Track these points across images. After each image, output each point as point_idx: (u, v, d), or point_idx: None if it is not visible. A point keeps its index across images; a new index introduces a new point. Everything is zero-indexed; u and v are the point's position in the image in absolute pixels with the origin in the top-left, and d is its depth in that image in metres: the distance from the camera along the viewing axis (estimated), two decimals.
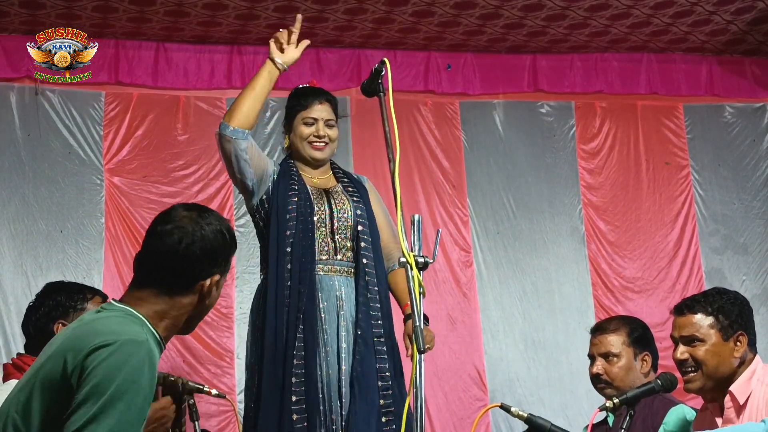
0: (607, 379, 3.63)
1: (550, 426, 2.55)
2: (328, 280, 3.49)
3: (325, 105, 3.70)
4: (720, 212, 5.88)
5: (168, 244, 2.21)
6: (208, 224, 2.25)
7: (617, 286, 5.64)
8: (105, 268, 5.08)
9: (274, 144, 5.42)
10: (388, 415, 3.38)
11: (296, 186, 3.58)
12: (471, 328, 5.45)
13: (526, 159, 5.77)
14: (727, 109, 6.02)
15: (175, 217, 2.25)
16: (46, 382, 2.05)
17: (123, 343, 2.02)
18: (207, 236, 2.23)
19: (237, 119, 3.47)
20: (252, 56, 5.44)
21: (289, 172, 3.64)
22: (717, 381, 2.96)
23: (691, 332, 3.01)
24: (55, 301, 3.12)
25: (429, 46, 5.62)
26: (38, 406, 2.04)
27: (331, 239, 3.53)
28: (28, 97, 5.19)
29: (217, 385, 4.91)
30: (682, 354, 3.01)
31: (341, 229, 3.54)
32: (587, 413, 4.84)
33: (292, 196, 3.54)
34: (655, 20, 5.41)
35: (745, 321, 3.04)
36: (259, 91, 3.53)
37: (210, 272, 2.24)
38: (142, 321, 2.17)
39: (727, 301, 3.05)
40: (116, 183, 5.21)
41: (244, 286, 5.18)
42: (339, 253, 3.53)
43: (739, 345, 2.98)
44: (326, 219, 3.54)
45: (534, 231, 5.68)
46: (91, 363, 1.99)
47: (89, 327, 2.10)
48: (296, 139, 3.69)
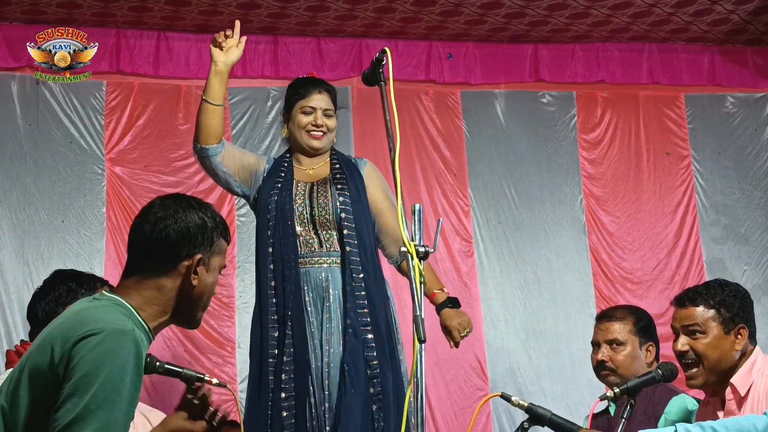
0: (611, 366, 3.63)
1: (550, 415, 2.55)
2: (315, 272, 3.51)
3: (323, 95, 3.71)
4: (721, 202, 5.88)
5: (145, 231, 2.28)
6: (185, 208, 2.29)
7: (617, 276, 5.64)
8: (106, 257, 5.08)
9: (275, 134, 5.42)
10: (378, 403, 3.39)
11: (280, 183, 3.60)
12: (472, 318, 5.34)
13: (528, 149, 5.77)
14: (728, 99, 6.01)
15: (151, 207, 2.33)
16: (33, 370, 2.05)
17: (109, 333, 2.01)
18: (181, 218, 2.26)
19: (202, 137, 3.56)
20: (253, 45, 5.43)
21: (279, 169, 3.67)
22: (719, 375, 2.97)
23: (691, 323, 3.01)
24: (67, 286, 3.13)
25: (430, 36, 5.61)
26: (25, 394, 2.05)
27: (315, 233, 3.54)
28: (29, 86, 5.19)
29: (218, 375, 4.92)
30: (683, 345, 3.01)
31: (323, 222, 3.55)
32: (588, 403, 4.85)
33: (273, 195, 3.57)
34: (657, 10, 5.40)
35: (746, 314, 3.04)
36: (213, 97, 3.58)
37: (191, 252, 2.24)
38: (130, 311, 2.17)
39: (729, 294, 3.05)
40: (117, 172, 5.21)
41: (246, 276, 5.18)
42: (324, 245, 3.54)
43: (740, 338, 2.98)
44: (306, 214, 3.55)
45: (535, 221, 5.68)
46: (78, 353, 1.99)
47: (77, 316, 2.11)
48: (294, 128, 3.70)
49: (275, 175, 3.65)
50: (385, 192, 3.73)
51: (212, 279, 2.30)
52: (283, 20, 5.30)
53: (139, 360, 2.05)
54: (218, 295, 5.10)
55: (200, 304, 2.29)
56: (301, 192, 3.61)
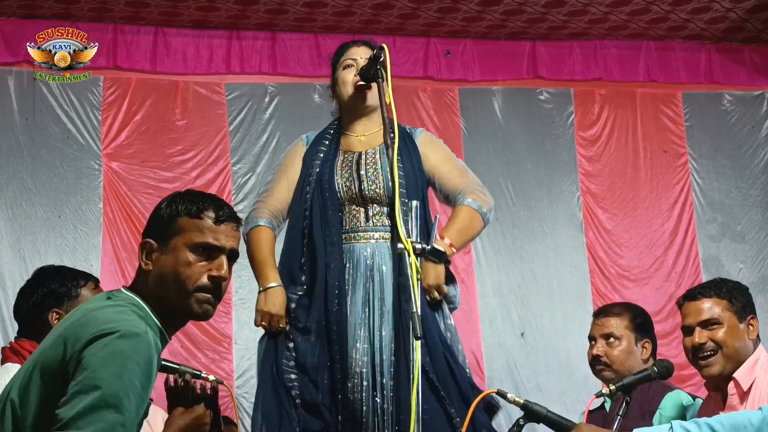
0: (606, 361, 3.63)
1: (545, 412, 2.55)
2: (360, 248, 3.28)
3: (362, 47, 3.44)
4: (717, 200, 5.89)
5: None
6: (166, 200, 2.28)
7: (614, 273, 5.65)
8: (103, 253, 5.07)
9: (272, 130, 5.42)
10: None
11: (323, 153, 3.40)
12: (469, 315, 5.45)
13: (525, 146, 5.77)
14: (725, 97, 6.01)
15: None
16: (45, 367, 2.05)
17: (121, 335, 2.00)
18: (159, 206, 2.27)
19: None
20: (251, 41, 5.43)
21: (323, 138, 3.45)
22: (735, 364, 2.96)
23: (708, 316, 3.01)
24: (49, 288, 3.06)
25: (428, 33, 5.61)
26: (36, 390, 2.04)
27: (362, 206, 3.31)
28: (26, 81, 5.18)
29: (215, 371, 4.92)
30: (701, 338, 2.99)
31: (373, 196, 3.30)
32: (585, 400, 4.83)
33: (315, 166, 3.37)
34: (654, 7, 5.40)
35: (752, 306, 3.08)
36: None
37: (145, 240, 2.23)
38: (146, 312, 2.15)
39: (735, 286, 3.09)
40: (114, 168, 5.20)
41: (242, 271, 5.14)
42: (371, 219, 3.31)
43: (752, 328, 3.01)
44: (354, 187, 3.31)
45: (532, 218, 5.68)
46: (88, 352, 1.98)
47: (91, 315, 2.09)
48: (341, 88, 3.42)
49: (318, 144, 3.43)
50: (446, 156, 3.45)
51: (172, 259, 2.18)
52: (281, 16, 5.29)
53: (150, 362, 2.02)
54: None
55: (169, 287, 2.18)
56: (348, 163, 3.36)
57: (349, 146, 3.41)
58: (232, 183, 5.31)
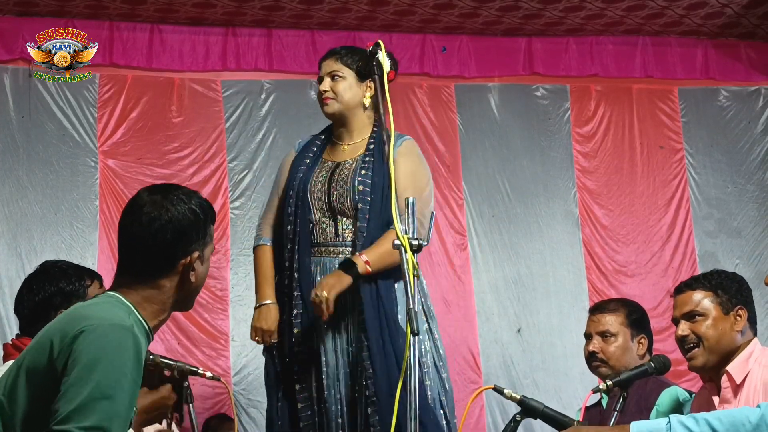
0: (602, 357, 3.64)
1: (542, 408, 2.55)
2: (330, 263, 3.34)
3: (330, 60, 3.47)
4: (714, 196, 5.89)
5: (138, 234, 2.16)
6: (175, 205, 2.17)
7: (610, 270, 5.65)
8: (99, 250, 5.08)
9: (268, 127, 5.42)
10: (373, 405, 3.27)
11: (309, 160, 3.46)
12: (465, 311, 5.46)
13: (522, 142, 5.77)
14: (722, 93, 6.02)
15: (140, 205, 2.19)
16: (32, 367, 2.05)
17: (109, 327, 2.00)
18: (175, 217, 2.16)
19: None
20: (247, 38, 5.43)
21: (312, 144, 3.51)
22: (719, 356, 2.97)
23: (691, 308, 3.02)
24: (57, 287, 3.03)
25: (424, 29, 5.61)
26: (23, 390, 2.04)
27: (332, 219, 3.36)
28: (22, 78, 5.17)
29: (212, 368, 4.92)
30: (683, 330, 3.01)
31: (340, 209, 3.35)
32: (581, 396, 4.85)
33: (299, 172, 3.43)
34: (651, 3, 5.40)
35: (745, 297, 3.06)
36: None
37: (187, 251, 2.18)
38: (129, 308, 2.14)
39: (726, 278, 3.09)
40: (111, 165, 5.20)
41: (239, 269, 5.19)
42: (340, 234, 3.36)
43: (740, 319, 2.99)
44: (324, 198, 3.37)
45: (529, 214, 5.69)
46: (78, 346, 1.98)
47: (76, 312, 2.10)
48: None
49: (307, 150, 3.49)
50: (411, 175, 3.36)
51: (207, 267, 2.26)
52: (277, 13, 5.29)
53: (139, 356, 2.03)
54: (212, 288, 5.11)
55: (197, 293, 2.28)
56: (323, 173, 3.41)
57: (333, 155, 3.47)
58: (229, 180, 5.31)
